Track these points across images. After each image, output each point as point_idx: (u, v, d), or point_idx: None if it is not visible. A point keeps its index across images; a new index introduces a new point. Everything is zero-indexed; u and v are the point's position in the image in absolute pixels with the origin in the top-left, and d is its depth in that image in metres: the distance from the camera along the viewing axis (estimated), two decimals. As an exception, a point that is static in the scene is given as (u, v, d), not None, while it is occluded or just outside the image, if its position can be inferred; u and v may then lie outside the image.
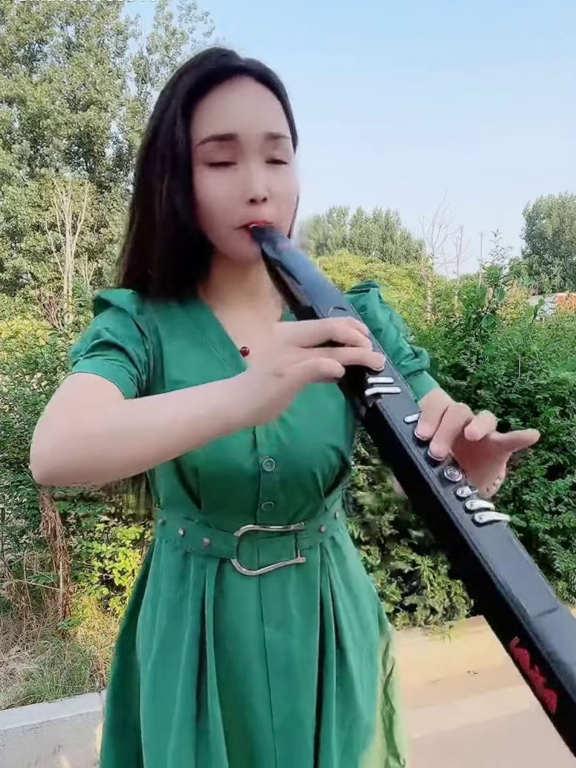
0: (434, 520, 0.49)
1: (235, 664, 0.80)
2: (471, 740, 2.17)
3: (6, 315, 14.21)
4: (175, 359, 0.79)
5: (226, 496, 0.78)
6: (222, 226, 0.75)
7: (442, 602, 2.57)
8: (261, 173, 0.73)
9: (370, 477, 2.54)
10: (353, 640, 0.87)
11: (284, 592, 0.82)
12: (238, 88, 0.73)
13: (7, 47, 16.94)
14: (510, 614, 0.43)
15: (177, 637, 0.82)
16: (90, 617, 2.57)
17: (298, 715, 0.81)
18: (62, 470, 0.58)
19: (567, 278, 36.16)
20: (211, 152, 0.73)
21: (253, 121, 0.72)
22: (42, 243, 16.17)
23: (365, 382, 0.54)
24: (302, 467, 0.78)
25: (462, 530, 0.46)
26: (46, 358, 2.97)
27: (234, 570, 0.80)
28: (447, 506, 0.47)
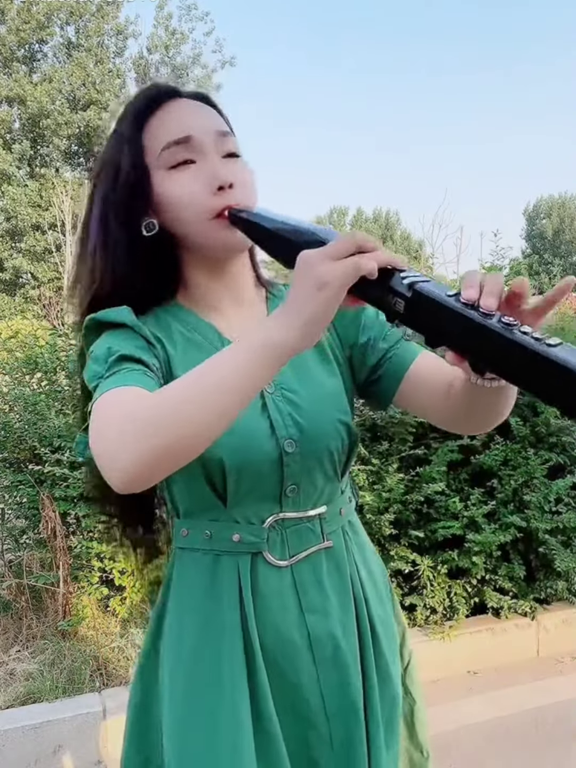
0: (511, 360, 0.54)
1: (282, 657, 0.81)
2: (471, 740, 2.17)
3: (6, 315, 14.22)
4: (181, 361, 0.81)
5: (251, 485, 0.79)
6: (196, 220, 0.78)
7: (442, 602, 2.57)
8: (222, 164, 0.78)
9: (370, 477, 2.54)
10: (379, 619, 0.89)
11: (319, 578, 0.83)
12: (180, 104, 0.81)
13: (7, 47, 16.93)
14: None
15: (215, 646, 0.80)
16: (90, 617, 2.57)
17: (350, 698, 0.82)
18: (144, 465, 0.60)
19: (567, 278, 36.07)
20: (171, 156, 0.78)
21: (202, 123, 0.80)
22: (42, 243, 16.16)
23: (397, 278, 0.59)
24: (320, 445, 0.82)
25: (540, 351, 0.52)
26: (46, 358, 2.97)
27: (266, 563, 0.81)
28: (521, 341, 0.52)
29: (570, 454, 2.69)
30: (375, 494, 2.48)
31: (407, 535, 2.54)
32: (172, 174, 0.78)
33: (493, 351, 0.55)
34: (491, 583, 2.61)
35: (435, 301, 0.57)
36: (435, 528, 2.52)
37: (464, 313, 0.55)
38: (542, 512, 2.56)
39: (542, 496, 2.54)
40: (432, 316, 0.58)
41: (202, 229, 0.78)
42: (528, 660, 2.66)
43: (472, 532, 2.47)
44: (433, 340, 0.60)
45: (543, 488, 2.56)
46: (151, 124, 0.80)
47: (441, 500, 2.53)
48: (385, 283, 0.59)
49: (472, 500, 2.52)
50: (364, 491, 2.48)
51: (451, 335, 0.58)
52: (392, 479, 2.47)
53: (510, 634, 2.64)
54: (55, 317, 5.99)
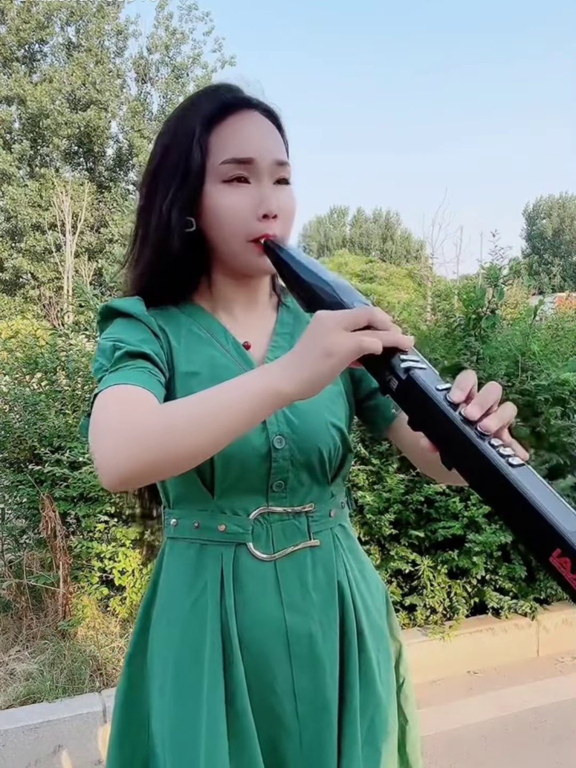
0: (474, 468, 0.58)
1: (257, 651, 0.81)
2: (471, 740, 2.17)
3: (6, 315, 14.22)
4: (185, 354, 0.84)
5: (239, 477, 0.81)
6: (233, 238, 0.82)
7: (442, 602, 2.57)
8: (273, 193, 0.82)
9: (370, 477, 2.54)
10: (370, 626, 0.88)
11: (302, 575, 0.84)
12: (251, 118, 0.83)
13: (7, 47, 16.90)
14: (552, 531, 0.52)
15: (199, 634, 0.81)
16: (90, 617, 2.57)
17: (323, 700, 0.82)
18: (133, 472, 0.64)
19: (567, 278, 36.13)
20: (230, 171, 0.81)
21: (266, 149, 0.82)
22: (42, 243, 16.14)
23: (397, 360, 0.64)
24: (309, 444, 0.83)
25: (503, 471, 0.55)
26: (46, 358, 2.97)
27: (250, 555, 0.82)
28: (486, 453, 0.56)
29: (570, 454, 2.68)
30: (375, 494, 2.48)
31: (407, 535, 2.54)
32: (225, 187, 0.81)
33: (460, 454, 0.59)
34: (491, 583, 2.61)
35: (423, 391, 0.61)
36: (435, 528, 2.53)
37: (446, 412, 0.59)
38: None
39: (542, 496, 2.54)
40: (418, 403, 0.62)
41: (236, 248, 0.82)
42: (528, 660, 2.66)
43: (473, 532, 2.47)
44: (415, 423, 0.64)
45: (543, 488, 2.55)
46: (221, 128, 0.82)
47: (441, 500, 2.53)
48: (386, 359, 0.64)
49: (473, 500, 2.52)
50: (364, 491, 2.48)
51: (429, 426, 0.62)
52: (392, 479, 2.47)
53: (510, 634, 2.64)
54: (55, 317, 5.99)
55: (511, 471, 0.55)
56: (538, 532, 0.53)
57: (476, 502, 2.51)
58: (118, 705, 0.90)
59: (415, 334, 3.03)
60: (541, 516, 0.52)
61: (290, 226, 0.85)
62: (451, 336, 2.85)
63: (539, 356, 2.73)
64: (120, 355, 0.76)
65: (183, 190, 0.82)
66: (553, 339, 3.22)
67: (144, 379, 0.74)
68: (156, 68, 18.56)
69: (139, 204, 0.88)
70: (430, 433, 0.62)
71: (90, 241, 16.67)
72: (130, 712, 0.89)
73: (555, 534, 0.51)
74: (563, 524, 0.51)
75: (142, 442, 0.64)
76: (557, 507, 0.53)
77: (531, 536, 0.54)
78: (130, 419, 0.66)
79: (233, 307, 0.89)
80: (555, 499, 0.54)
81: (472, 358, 2.67)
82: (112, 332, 0.81)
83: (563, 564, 0.51)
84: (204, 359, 0.83)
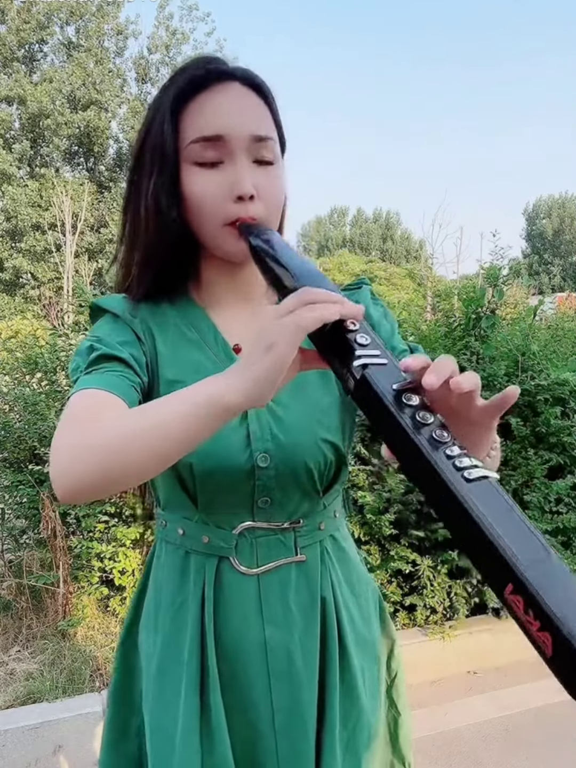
0: (425, 481, 0.50)
1: (236, 663, 0.80)
2: (471, 740, 2.17)
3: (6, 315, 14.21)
4: (170, 359, 0.80)
5: (222, 493, 0.79)
6: (210, 222, 0.77)
7: (442, 602, 2.57)
8: (248, 172, 0.75)
9: (370, 477, 2.54)
10: (356, 638, 0.87)
11: (284, 591, 0.82)
12: (225, 92, 0.76)
13: (7, 47, 16.92)
14: (503, 563, 0.44)
15: (179, 639, 0.81)
16: (90, 617, 2.57)
17: (300, 713, 0.81)
18: (78, 486, 0.60)
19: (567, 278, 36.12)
20: (199, 152, 0.75)
21: (239, 124, 0.75)
22: (42, 243, 16.16)
23: (354, 356, 0.56)
24: (297, 462, 0.79)
25: (453, 487, 0.47)
26: (46, 358, 2.97)
27: (233, 569, 0.80)
28: (437, 465, 0.48)
29: (570, 454, 2.69)
30: (375, 494, 2.48)
31: (407, 535, 2.53)
32: (197, 170, 0.76)
33: (412, 464, 0.51)
34: (491, 583, 2.60)
35: (375, 392, 0.54)
36: (435, 528, 2.52)
37: (397, 417, 0.52)
38: (542, 512, 2.56)
39: (542, 496, 2.54)
40: (371, 405, 0.55)
41: (214, 233, 0.77)
42: (528, 660, 2.66)
43: (472, 532, 2.47)
44: (373, 426, 0.56)
45: (543, 488, 2.56)
46: (192, 105, 0.76)
47: (441, 500, 2.53)
48: (344, 356, 0.57)
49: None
50: (364, 491, 2.48)
51: (382, 431, 0.55)
52: (392, 479, 2.47)
53: (510, 634, 2.63)
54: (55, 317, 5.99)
55: (463, 486, 0.47)
56: (490, 562, 0.45)
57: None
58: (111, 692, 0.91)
59: (415, 334, 3.03)
60: (492, 542, 0.44)
61: (273, 208, 0.78)
62: (451, 336, 2.85)
63: (539, 356, 2.73)
64: (95, 357, 0.73)
65: (163, 179, 0.77)
66: (553, 339, 3.23)
67: (116, 383, 0.70)
68: (156, 68, 18.56)
69: (125, 196, 0.84)
70: (384, 438, 0.55)
71: (90, 241, 16.67)
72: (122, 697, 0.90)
73: (507, 566, 0.43)
74: (517, 555, 0.43)
75: (86, 457, 0.59)
76: (515, 532, 0.45)
77: (485, 566, 0.46)
78: (84, 429, 0.62)
79: (224, 300, 0.85)
80: (513, 521, 0.46)
81: (472, 358, 2.67)
82: (94, 331, 0.78)
83: (516, 602, 0.44)
84: (189, 366, 0.80)
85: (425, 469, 0.49)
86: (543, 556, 0.44)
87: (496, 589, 0.45)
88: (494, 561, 0.45)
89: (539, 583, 0.42)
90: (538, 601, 0.42)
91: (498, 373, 2.60)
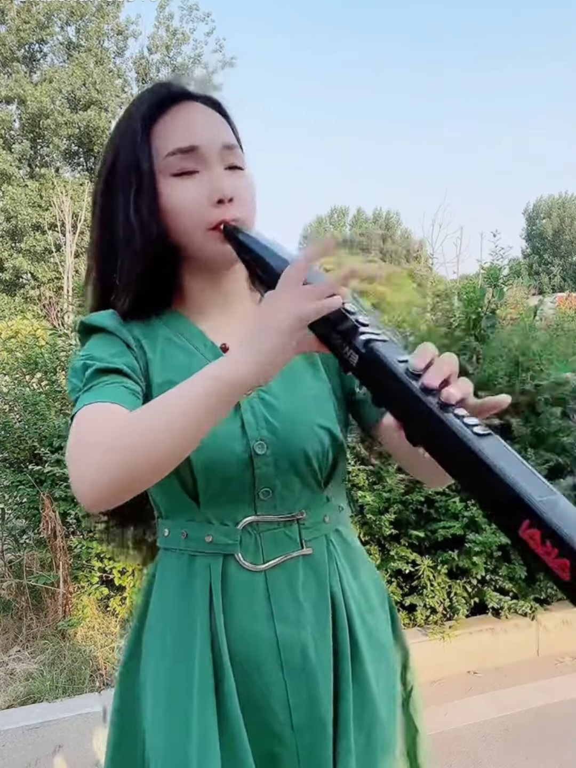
0: (437, 440, 0.55)
1: (249, 664, 0.79)
2: (471, 740, 2.17)
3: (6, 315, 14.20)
4: (160, 365, 0.82)
5: (222, 486, 0.79)
6: (193, 229, 0.80)
7: (442, 602, 2.57)
8: (223, 177, 0.80)
9: (370, 477, 2.54)
10: (367, 635, 0.85)
11: (293, 586, 0.81)
12: (190, 109, 0.82)
13: (7, 47, 16.90)
14: (519, 502, 0.48)
15: (189, 645, 0.80)
16: (90, 617, 2.57)
17: (318, 709, 0.80)
18: (109, 490, 0.63)
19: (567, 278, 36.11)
20: (176, 163, 0.79)
21: (211, 135, 0.80)
22: (42, 243, 16.14)
23: (357, 333, 0.61)
24: (294, 448, 0.80)
25: (467, 440, 0.52)
26: (46, 358, 2.97)
27: (239, 566, 0.79)
28: (449, 422, 0.53)
29: (570, 455, 2.68)
30: (375, 494, 2.48)
31: (407, 535, 2.54)
32: (175, 181, 0.79)
33: (423, 426, 0.56)
34: (491, 584, 2.61)
35: (383, 363, 0.58)
36: (435, 528, 2.52)
37: (405, 382, 0.56)
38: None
39: (542, 496, 2.54)
40: (378, 376, 0.59)
41: (198, 239, 0.80)
42: (528, 660, 2.66)
43: (473, 532, 2.47)
44: (377, 399, 0.62)
45: (543, 488, 2.55)
46: (160, 123, 0.81)
47: (441, 500, 2.53)
48: (346, 334, 0.62)
49: (473, 500, 2.52)
50: (364, 491, 2.48)
51: (391, 400, 0.59)
52: (392, 479, 2.47)
53: (510, 634, 2.64)
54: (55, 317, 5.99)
55: (475, 439, 0.52)
56: (505, 503, 0.49)
57: (476, 502, 2.51)
58: (114, 712, 0.89)
59: (415, 334, 3.03)
60: (507, 486, 0.49)
61: (251, 210, 0.82)
62: (451, 336, 2.85)
63: (539, 356, 2.73)
64: (91, 373, 0.74)
65: (141, 192, 0.80)
66: (553, 339, 3.23)
67: (117, 394, 0.72)
68: (156, 68, 18.56)
69: (97, 215, 0.85)
70: (393, 407, 0.60)
71: (90, 241, 16.64)
72: (125, 719, 0.88)
73: (522, 504, 0.48)
74: (531, 494, 0.48)
75: (107, 463, 0.62)
76: (525, 476, 0.50)
77: (499, 509, 0.51)
78: (96, 443, 0.65)
79: (208, 308, 0.86)
80: (523, 469, 0.50)
81: (472, 358, 2.67)
82: (85, 350, 0.80)
83: (533, 536, 0.47)
84: (180, 367, 0.80)
85: (437, 428, 0.54)
86: (553, 496, 0.49)
87: (510, 531, 0.49)
88: (509, 502, 0.49)
89: (554, 514, 0.47)
90: (555, 530, 0.46)
91: (498, 373, 2.60)
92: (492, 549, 2.49)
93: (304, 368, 0.85)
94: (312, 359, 0.87)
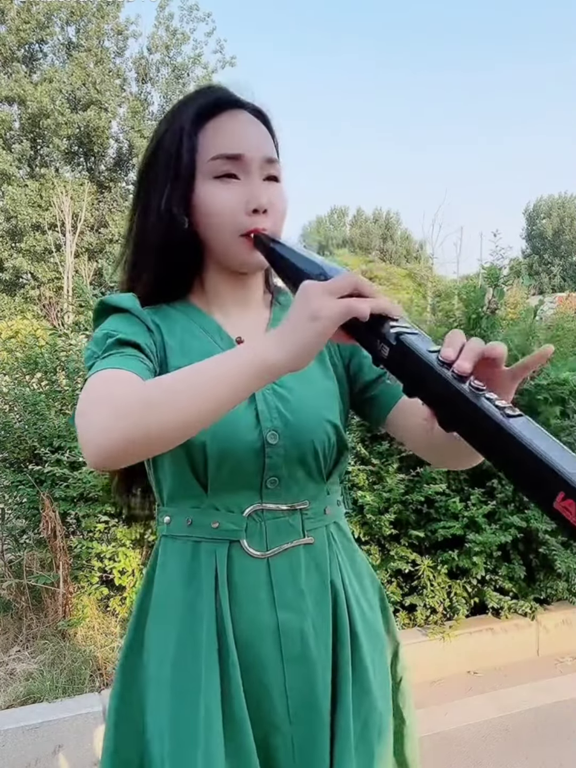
0: (470, 423, 0.58)
1: (249, 649, 0.81)
2: (471, 740, 2.17)
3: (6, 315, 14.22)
4: (178, 350, 0.84)
5: (233, 472, 0.81)
6: (225, 233, 0.83)
7: (442, 602, 2.57)
8: (262, 188, 0.83)
9: (370, 477, 2.54)
10: (364, 624, 0.88)
11: (295, 574, 0.83)
12: (239, 117, 0.85)
13: (7, 47, 16.88)
14: (554, 474, 0.51)
15: (196, 633, 0.81)
16: (90, 617, 2.57)
17: (314, 698, 0.82)
18: (114, 448, 0.63)
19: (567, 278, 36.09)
20: (218, 167, 0.82)
21: (255, 146, 0.84)
22: (42, 243, 16.12)
23: (387, 327, 0.63)
24: (304, 440, 0.83)
25: (500, 421, 0.55)
26: (46, 358, 2.97)
27: (243, 552, 0.82)
28: (482, 406, 0.56)
29: (570, 454, 2.68)
30: (375, 494, 2.48)
31: (407, 535, 2.54)
32: (215, 183, 0.82)
33: (457, 412, 0.59)
34: (491, 584, 2.61)
35: (415, 354, 0.61)
36: (435, 528, 2.53)
37: (438, 371, 0.59)
38: (542, 512, 2.56)
39: (542, 496, 2.54)
40: (410, 367, 0.62)
41: (228, 243, 0.83)
42: (528, 660, 2.66)
43: (473, 532, 2.48)
44: (410, 389, 0.64)
45: (543, 488, 2.55)
46: (209, 126, 0.83)
47: (441, 500, 2.53)
48: (376, 327, 0.64)
49: (473, 500, 2.52)
50: (364, 491, 2.49)
51: (425, 389, 0.62)
52: (392, 479, 2.47)
53: (510, 634, 2.64)
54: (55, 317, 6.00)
55: (508, 420, 0.55)
56: (540, 478, 0.52)
57: (476, 502, 2.51)
58: (114, 696, 0.90)
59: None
60: (541, 461, 0.52)
61: (281, 222, 0.86)
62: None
63: (539, 356, 2.72)
64: (111, 342, 0.76)
65: (177, 188, 0.83)
66: (553, 339, 3.22)
67: (133, 364, 0.74)
68: (156, 68, 18.54)
69: (133, 203, 0.89)
70: (426, 396, 0.62)
71: (90, 241, 16.65)
72: (125, 704, 0.88)
73: (557, 477, 0.51)
74: (565, 467, 0.51)
75: (121, 416, 0.63)
76: (558, 452, 0.53)
77: (533, 485, 0.53)
78: (111, 395, 0.66)
79: (227, 305, 0.90)
80: (555, 445, 0.53)
81: (472, 358, 2.67)
82: (105, 325, 0.82)
83: (568, 507, 0.50)
84: (197, 352, 0.83)
85: (470, 412, 0.57)
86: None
87: (546, 503, 0.52)
88: (544, 476, 0.52)
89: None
90: None
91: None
92: (492, 549, 2.49)
93: (315, 364, 0.88)
94: (321, 357, 0.90)
